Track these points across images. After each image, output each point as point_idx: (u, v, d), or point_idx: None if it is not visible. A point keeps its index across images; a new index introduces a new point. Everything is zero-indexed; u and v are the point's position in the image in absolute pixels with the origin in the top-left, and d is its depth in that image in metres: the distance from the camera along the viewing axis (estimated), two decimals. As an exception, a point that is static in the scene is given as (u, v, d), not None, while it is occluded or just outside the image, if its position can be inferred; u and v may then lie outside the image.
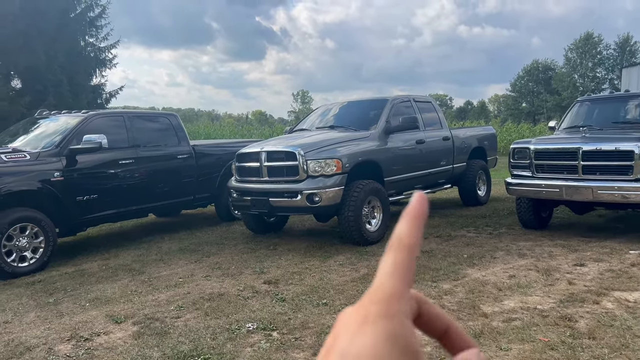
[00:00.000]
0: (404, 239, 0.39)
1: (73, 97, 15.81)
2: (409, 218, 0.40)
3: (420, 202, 0.41)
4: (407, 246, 0.39)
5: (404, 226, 0.40)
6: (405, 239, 0.39)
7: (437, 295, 4.24)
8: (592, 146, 5.72)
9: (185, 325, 3.83)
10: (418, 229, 0.40)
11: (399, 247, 0.39)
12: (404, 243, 0.39)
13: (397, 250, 0.39)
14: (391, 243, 0.40)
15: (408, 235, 0.39)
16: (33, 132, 6.74)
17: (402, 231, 0.40)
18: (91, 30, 17.85)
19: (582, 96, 7.73)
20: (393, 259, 0.39)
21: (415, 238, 0.39)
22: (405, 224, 0.40)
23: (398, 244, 0.39)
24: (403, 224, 0.40)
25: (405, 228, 0.40)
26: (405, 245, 0.39)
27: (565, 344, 3.21)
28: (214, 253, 6.12)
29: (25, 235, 5.57)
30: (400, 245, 0.39)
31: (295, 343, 3.44)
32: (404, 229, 0.40)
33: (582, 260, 5.06)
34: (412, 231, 0.40)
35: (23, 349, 3.56)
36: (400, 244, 0.39)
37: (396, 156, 6.85)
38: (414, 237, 0.39)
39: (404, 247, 0.39)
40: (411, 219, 0.40)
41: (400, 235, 0.40)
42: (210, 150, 8.14)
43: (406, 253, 0.39)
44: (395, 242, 0.40)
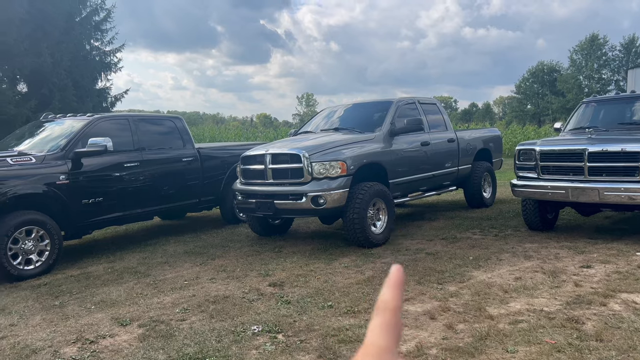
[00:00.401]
0: (389, 303, 0.48)
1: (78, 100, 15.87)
2: (391, 286, 0.49)
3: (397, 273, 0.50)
4: (392, 309, 0.48)
5: (387, 293, 0.49)
6: (390, 303, 0.48)
7: (443, 297, 4.22)
8: (598, 147, 5.69)
9: (190, 328, 3.83)
10: (400, 295, 0.49)
11: (386, 310, 0.48)
12: (390, 306, 0.48)
13: (385, 312, 0.47)
14: (378, 307, 0.48)
15: (392, 299, 0.48)
16: (39, 136, 6.77)
17: (386, 297, 0.48)
18: (96, 34, 17.92)
19: (588, 97, 7.69)
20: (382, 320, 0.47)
21: (398, 302, 0.48)
22: (388, 291, 0.49)
23: (384, 307, 0.48)
24: (387, 291, 0.49)
25: (389, 294, 0.48)
26: (391, 308, 0.48)
27: (572, 346, 3.19)
28: (219, 255, 6.12)
29: (31, 238, 5.59)
30: (387, 309, 0.48)
31: (300, 345, 3.43)
32: (388, 295, 0.48)
33: (589, 262, 5.02)
34: (396, 296, 0.48)
35: (29, 351, 3.56)
36: (386, 307, 0.48)
37: (401, 158, 6.84)
38: (397, 301, 0.48)
39: (390, 310, 0.47)
40: (393, 287, 0.49)
41: (386, 300, 0.48)
42: (215, 153, 8.16)
43: (392, 315, 0.47)
44: (382, 306, 0.48)
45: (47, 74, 14.79)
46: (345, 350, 3.33)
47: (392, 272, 0.51)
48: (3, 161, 5.66)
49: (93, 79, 17.58)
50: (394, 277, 0.50)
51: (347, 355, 3.25)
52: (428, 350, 3.26)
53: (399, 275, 0.50)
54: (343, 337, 3.51)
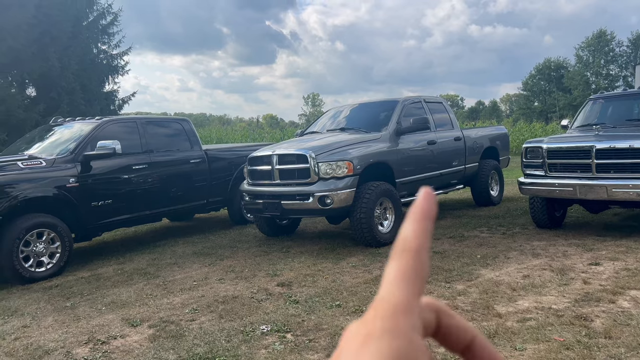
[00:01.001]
0: (409, 242, 0.35)
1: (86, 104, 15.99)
2: (414, 218, 0.36)
3: (426, 200, 0.37)
4: (413, 250, 0.34)
5: (409, 228, 0.35)
6: (411, 242, 0.35)
7: (451, 296, 4.23)
8: (606, 144, 5.67)
9: (200, 328, 3.86)
10: (425, 230, 0.35)
11: (405, 252, 0.35)
12: (410, 247, 0.35)
13: (403, 255, 0.35)
14: (395, 247, 0.35)
15: (414, 237, 0.35)
16: (48, 139, 6.85)
17: (407, 233, 0.35)
18: (103, 38, 18.04)
19: (595, 94, 7.66)
20: (398, 266, 0.34)
21: (423, 240, 0.35)
22: (410, 225, 0.35)
23: (403, 248, 0.35)
24: (408, 225, 0.36)
25: (410, 230, 0.35)
26: (412, 249, 0.34)
27: (581, 343, 3.19)
28: (228, 256, 6.16)
29: (42, 240, 5.66)
30: (406, 250, 0.35)
31: (309, 345, 3.45)
32: (410, 230, 0.35)
33: (597, 260, 5.01)
34: (419, 233, 0.35)
35: (42, 352, 3.62)
36: (405, 248, 0.35)
37: (407, 157, 6.84)
38: (421, 239, 0.35)
39: (410, 251, 0.34)
40: (417, 219, 0.36)
41: (406, 238, 0.35)
42: (222, 155, 8.20)
43: (413, 258, 0.34)
44: (400, 247, 0.35)
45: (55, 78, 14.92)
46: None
47: (420, 198, 0.37)
48: (14, 165, 5.74)
49: (100, 82, 17.71)
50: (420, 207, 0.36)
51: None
52: (436, 349, 3.27)
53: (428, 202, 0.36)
54: (351, 336, 3.52)
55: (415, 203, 0.37)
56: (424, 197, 0.37)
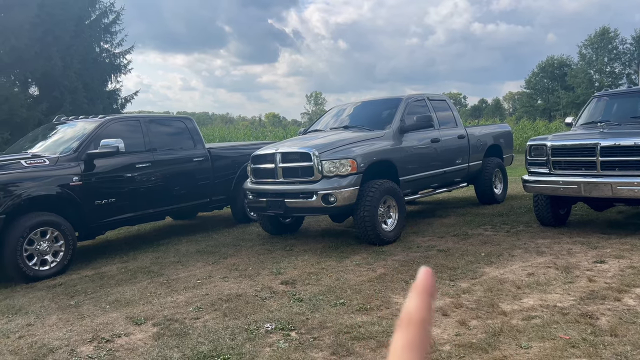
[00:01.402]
0: (413, 315, 0.39)
1: (89, 102, 16.00)
2: (417, 293, 0.40)
3: (426, 277, 0.41)
4: (417, 323, 0.38)
5: (412, 302, 0.39)
6: (415, 315, 0.39)
7: (455, 294, 4.22)
8: (611, 142, 5.64)
9: (204, 326, 3.86)
10: (428, 304, 0.39)
11: (410, 324, 0.38)
12: (414, 319, 0.38)
13: (408, 327, 0.38)
14: (401, 320, 0.39)
15: (418, 311, 0.39)
16: (51, 138, 6.85)
17: (411, 307, 0.39)
18: (106, 37, 18.04)
19: (599, 91, 7.62)
20: (406, 336, 0.38)
21: (425, 313, 0.39)
22: (414, 300, 0.39)
23: (408, 320, 0.39)
24: (412, 299, 0.39)
25: (414, 304, 0.39)
26: (416, 322, 0.38)
27: (587, 341, 3.17)
28: (231, 254, 6.16)
29: (45, 239, 5.66)
30: (411, 322, 0.38)
31: (313, 343, 3.44)
32: (413, 304, 0.39)
33: (602, 257, 4.99)
34: (422, 307, 0.39)
35: (46, 350, 3.62)
36: (410, 321, 0.38)
37: (411, 155, 6.83)
38: (424, 312, 0.39)
39: (415, 323, 0.38)
40: (420, 294, 0.39)
41: (410, 312, 0.39)
42: (225, 153, 8.20)
43: (417, 329, 0.38)
44: (405, 319, 0.39)
45: (58, 77, 14.93)
46: (358, 347, 3.34)
47: (420, 275, 0.41)
48: (17, 163, 5.74)
49: (103, 81, 17.71)
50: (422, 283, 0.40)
51: (360, 352, 3.26)
52: (441, 347, 3.26)
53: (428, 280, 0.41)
54: (356, 334, 3.52)
55: (417, 279, 0.41)
56: (425, 274, 0.41)
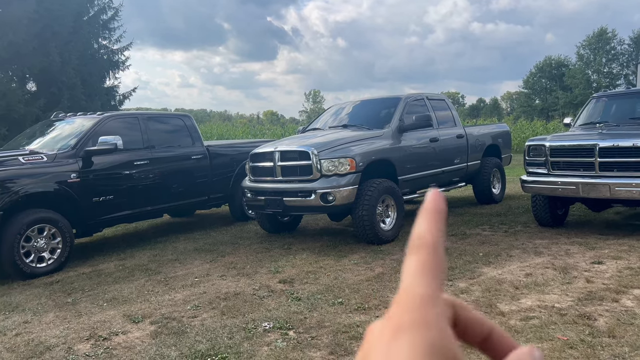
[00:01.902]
0: (425, 237, 0.36)
1: (87, 99, 15.96)
2: (427, 215, 0.37)
3: (436, 198, 0.38)
4: (430, 245, 0.35)
5: (423, 224, 0.36)
6: (427, 237, 0.36)
7: (453, 294, 4.21)
8: (609, 143, 5.65)
9: (202, 325, 3.85)
10: (439, 226, 0.36)
11: (422, 247, 0.35)
12: (427, 242, 0.35)
13: (421, 249, 0.35)
14: (412, 243, 0.36)
15: (429, 233, 0.36)
16: (49, 134, 6.83)
17: (421, 230, 0.36)
18: (104, 33, 17.99)
19: (598, 92, 7.63)
20: (418, 260, 0.35)
21: (438, 235, 0.36)
22: (424, 222, 0.36)
23: (420, 242, 0.36)
24: (422, 221, 0.37)
25: (425, 226, 0.36)
26: (428, 244, 0.35)
27: (585, 342, 3.18)
28: (229, 253, 6.15)
29: (43, 236, 5.64)
30: (423, 244, 0.35)
31: (311, 342, 3.44)
32: (424, 226, 0.36)
33: (600, 258, 5.00)
34: (433, 229, 0.36)
35: (43, 348, 3.60)
36: (423, 243, 0.35)
37: (410, 155, 6.82)
38: (436, 234, 0.36)
39: (427, 246, 0.35)
40: (430, 216, 0.37)
41: (421, 234, 0.36)
42: (224, 151, 8.18)
43: (431, 252, 0.35)
44: (417, 242, 0.36)
45: (56, 72, 14.88)
46: (356, 346, 3.34)
47: (429, 197, 0.38)
48: (15, 160, 5.72)
49: (101, 78, 17.67)
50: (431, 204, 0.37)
51: (358, 352, 3.25)
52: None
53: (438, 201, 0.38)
54: (354, 334, 3.52)
55: (426, 202, 0.38)
56: (433, 195, 0.38)
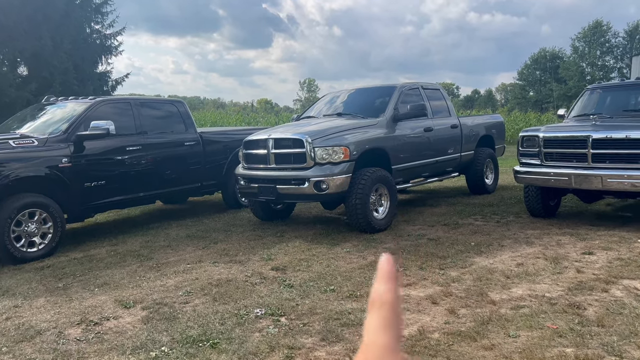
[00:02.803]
0: (384, 296, 0.40)
1: (79, 84, 15.79)
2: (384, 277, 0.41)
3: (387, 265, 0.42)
4: (389, 303, 0.39)
5: (381, 285, 0.40)
6: (386, 296, 0.40)
7: (445, 282, 4.24)
8: (602, 134, 5.67)
9: (193, 311, 3.85)
10: (396, 287, 0.40)
11: (383, 305, 0.39)
12: (386, 300, 0.40)
13: (382, 307, 0.39)
14: (372, 301, 0.40)
15: (388, 293, 0.40)
16: (40, 118, 6.75)
17: (381, 290, 0.40)
18: (97, 17, 17.76)
19: (591, 85, 7.65)
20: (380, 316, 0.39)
21: (394, 294, 0.40)
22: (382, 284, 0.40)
23: (381, 301, 0.40)
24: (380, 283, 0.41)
25: (383, 287, 0.40)
26: (388, 302, 0.39)
27: (574, 331, 3.21)
28: (222, 240, 6.14)
29: (34, 220, 5.60)
30: (383, 302, 0.40)
31: (303, 329, 3.45)
32: (383, 287, 0.40)
33: (591, 249, 5.03)
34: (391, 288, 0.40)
35: (33, 332, 3.59)
36: (383, 302, 0.40)
37: (404, 144, 6.82)
38: (394, 294, 0.40)
39: (387, 303, 0.39)
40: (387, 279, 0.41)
41: (381, 294, 0.40)
42: (217, 138, 8.14)
43: (390, 309, 0.39)
44: (377, 300, 0.40)
45: (48, 57, 14.69)
46: (347, 333, 3.35)
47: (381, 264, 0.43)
48: (5, 144, 5.66)
49: (94, 63, 17.48)
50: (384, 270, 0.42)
51: (349, 339, 3.27)
52: (430, 335, 3.28)
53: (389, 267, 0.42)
54: (345, 321, 3.53)
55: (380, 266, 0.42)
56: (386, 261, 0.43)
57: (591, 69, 58.81)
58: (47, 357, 3.21)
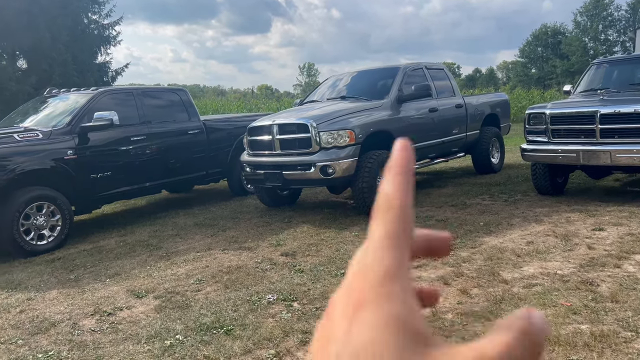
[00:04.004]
0: (392, 199, 0.32)
1: (79, 75, 15.74)
2: (394, 173, 0.33)
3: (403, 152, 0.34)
4: (397, 207, 0.32)
5: (390, 183, 0.33)
6: (394, 199, 0.32)
7: (456, 263, 4.23)
8: (610, 109, 5.60)
9: (206, 298, 3.86)
10: (407, 184, 0.33)
11: (389, 210, 0.32)
12: (394, 204, 0.32)
13: (387, 214, 0.32)
14: (378, 205, 0.33)
15: (396, 193, 0.33)
16: (43, 111, 6.73)
17: (388, 190, 0.33)
18: (93, 7, 17.65)
19: (598, 58, 7.55)
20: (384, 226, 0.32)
21: (406, 195, 0.33)
22: (391, 181, 0.33)
23: (387, 206, 0.32)
24: (388, 180, 0.33)
25: (391, 185, 0.33)
26: (396, 207, 0.32)
27: (588, 307, 3.20)
28: (230, 227, 6.14)
29: (42, 213, 5.61)
30: (390, 208, 0.32)
31: (316, 313, 3.45)
32: (391, 186, 0.33)
33: (601, 225, 5.01)
34: (401, 187, 0.33)
35: (48, 324, 3.61)
36: (389, 206, 0.32)
37: (409, 125, 6.77)
38: (404, 194, 0.33)
39: (395, 208, 0.32)
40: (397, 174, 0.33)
41: (388, 195, 0.33)
42: (220, 125, 8.10)
43: (398, 216, 0.32)
44: (383, 205, 0.33)
45: (46, 49, 14.63)
46: (361, 316, 3.35)
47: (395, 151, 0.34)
48: (9, 137, 5.64)
49: (92, 53, 17.40)
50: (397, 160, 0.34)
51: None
52: (444, 315, 3.27)
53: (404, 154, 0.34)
54: (358, 304, 3.53)
55: (392, 156, 0.34)
56: (400, 149, 0.34)
57: (594, 44, 58.18)
58: (63, 349, 3.23)
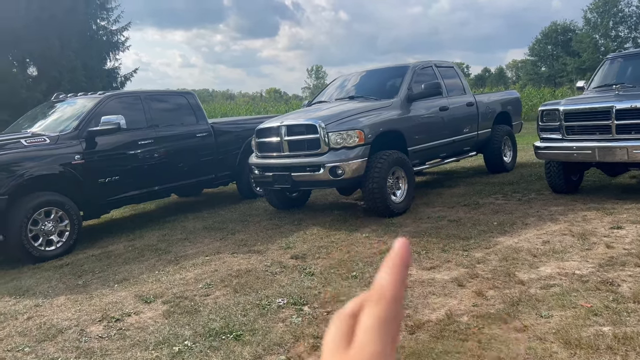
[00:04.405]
0: (386, 291, 0.37)
1: (88, 81, 15.79)
2: (391, 266, 0.37)
3: (402, 249, 0.39)
4: (389, 298, 0.36)
5: (386, 276, 0.37)
6: (387, 291, 0.37)
7: (470, 264, 4.12)
8: (627, 104, 5.46)
9: (215, 303, 3.79)
10: (402, 278, 0.37)
11: (381, 300, 0.36)
12: (386, 295, 0.36)
13: (379, 303, 0.36)
14: (372, 295, 0.37)
15: (391, 285, 0.37)
16: (51, 116, 6.72)
17: (384, 282, 0.37)
18: (102, 13, 17.72)
19: (612, 53, 7.39)
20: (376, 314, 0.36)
21: (399, 289, 0.37)
22: (387, 273, 0.37)
23: (380, 296, 0.37)
24: (385, 272, 0.38)
25: (387, 278, 0.37)
26: (388, 298, 0.36)
27: (610, 309, 3.08)
28: (239, 230, 6.07)
29: (50, 219, 5.58)
30: (383, 298, 0.36)
31: (327, 317, 3.36)
32: (386, 279, 0.37)
33: (619, 223, 4.86)
34: (395, 281, 0.37)
35: (55, 331, 3.56)
36: (382, 297, 0.37)
37: (419, 124, 6.66)
38: (397, 287, 0.37)
39: (387, 299, 0.36)
40: (393, 267, 0.37)
41: (382, 287, 0.37)
42: (229, 128, 8.05)
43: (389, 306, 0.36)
44: (376, 295, 0.37)
45: (56, 56, 14.69)
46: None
47: (396, 247, 0.39)
48: (17, 143, 5.63)
49: (101, 59, 17.47)
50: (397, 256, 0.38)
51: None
52: (459, 318, 3.17)
53: (404, 252, 0.38)
54: (370, 307, 3.43)
55: (392, 251, 0.39)
56: (400, 245, 0.39)
57: (605, 41, 57.48)
58: (70, 356, 3.17)
